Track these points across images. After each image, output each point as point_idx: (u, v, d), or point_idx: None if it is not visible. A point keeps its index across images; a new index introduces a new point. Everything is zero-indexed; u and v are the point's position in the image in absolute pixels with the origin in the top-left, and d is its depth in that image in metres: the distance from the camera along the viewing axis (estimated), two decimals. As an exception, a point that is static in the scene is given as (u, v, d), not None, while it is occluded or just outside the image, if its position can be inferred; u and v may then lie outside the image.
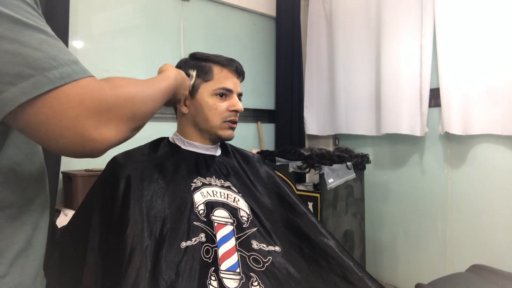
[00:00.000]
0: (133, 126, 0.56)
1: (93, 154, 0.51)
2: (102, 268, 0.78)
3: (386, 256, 2.38)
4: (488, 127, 1.78)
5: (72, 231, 0.89)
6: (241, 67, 1.00)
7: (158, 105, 0.68)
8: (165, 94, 0.73)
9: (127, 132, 0.55)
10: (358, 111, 2.40)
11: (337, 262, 0.89)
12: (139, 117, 0.57)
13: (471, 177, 1.93)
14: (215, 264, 0.78)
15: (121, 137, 0.53)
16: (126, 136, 0.55)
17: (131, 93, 0.56)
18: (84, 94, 0.48)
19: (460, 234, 1.99)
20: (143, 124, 0.60)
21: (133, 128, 0.57)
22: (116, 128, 0.52)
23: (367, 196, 2.26)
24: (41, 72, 0.44)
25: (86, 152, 0.50)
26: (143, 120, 0.59)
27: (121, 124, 0.53)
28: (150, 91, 0.64)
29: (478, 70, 1.79)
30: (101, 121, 0.49)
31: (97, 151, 0.50)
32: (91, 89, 0.49)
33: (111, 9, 1.99)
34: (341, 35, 2.47)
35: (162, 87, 0.71)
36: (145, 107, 0.59)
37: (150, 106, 0.62)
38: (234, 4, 2.51)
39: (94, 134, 0.48)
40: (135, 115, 0.56)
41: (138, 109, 0.57)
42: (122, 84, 0.56)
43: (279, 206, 1.01)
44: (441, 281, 1.14)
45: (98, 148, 0.50)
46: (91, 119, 0.48)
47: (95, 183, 0.91)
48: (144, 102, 0.59)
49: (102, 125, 0.49)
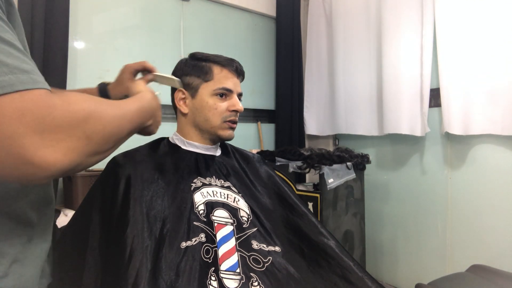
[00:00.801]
0: (88, 150, 0.47)
1: (33, 180, 0.43)
2: (102, 268, 0.78)
3: (386, 256, 2.38)
4: (488, 127, 1.78)
5: (72, 231, 0.89)
6: (241, 67, 1.00)
7: (125, 129, 0.58)
8: (135, 117, 0.63)
9: (79, 157, 0.46)
10: (358, 111, 2.40)
11: (337, 262, 0.89)
12: (96, 140, 0.48)
13: (471, 177, 1.93)
14: (215, 264, 0.78)
15: (70, 163, 0.45)
16: (78, 162, 0.47)
17: (85, 111, 0.48)
18: (25, 108, 0.40)
19: (460, 234, 1.99)
20: (104, 149, 0.52)
21: (89, 153, 0.48)
22: (65, 151, 0.44)
23: (367, 196, 2.26)
24: None
25: (26, 178, 0.43)
26: (103, 144, 0.51)
27: (72, 147, 0.45)
28: (113, 111, 0.55)
29: (478, 70, 1.79)
30: (45, 141, 0.42)
31: (38, 177, 0.43)
32: (35, 102, 0.42)
33: (111, 9, 1.99)
34: (341, 35, 2.47)
35: (131, 108, 0.62)
36: (103, 129, 0.50)
37: (112, 128, 0.53)
38: (234, 4, 2.51)
39: (34, 157, 0.41)
40: (90, 138, 0.47)
41: (94, 130, 0.48)
42: (77, 100, 0.48)
43: (279, 206, 1.01)
44: (441, 281, 1.14)
45: (40, 174, 0.42)
46: (30, 138, 0.40)
47: (95, 183, 0.91)
48: (102, 124, 0.50)
49: (46, 146, 0.42)
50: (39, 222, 0.63)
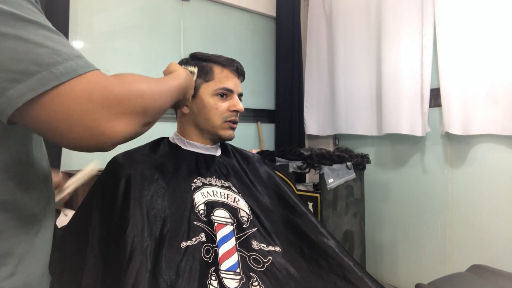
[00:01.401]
0: (143, 121, 0.55)
1: (105, 148, 0.51)
2: (102, 268, 0.78)
3: (386, 256, 2.38)
4: (489, 127, 1.78)
5: (72, 231, 0.89)
6: (241, 67, 1.00)
7: (168, 103, 0.67)
8: (175, 92, 0.72)
9: (138, 127, 0.54)
10: (358, 111, 2.40)
11: (337, 262, 0.89)
12: (149, 113, 0.56)
13: (471, 177, 1.93)
14: (215, 264, 0.78)
15: (131, 131, 0.53)
16: (137, 131, 0.55)
17: (140, 88, 0.55)
18: (91, 88, 0.47)
19: (460, 234, 1.99)
20: (154, 120, 0.60)
21: (144, 123, 0.56)
22: (127, 122, 0.51)
23: (367, 196, 2.26)
24: (46, 68, 0.44)
25: (98, 146, 0.50)
26: (154, 116, 0.59)
27: (132, 119, 0.52)
28: (160, 88, 0.63)
29: (478, 70, 1.79)
30: (111, 115, 0.49)
31: (109, 144, 0.50)
32: (98, 83, 0.48)
33: (111, 9, 1.99)
34: (341, 35, 2.47)
35: (172, 85, 0.70)
36: (155, 103, 0.59)
37: (161, 102, 0.62)
38: (234, 4, 2.51)
39: (105, 128, 0.48)
40: (146, 110, 0.55)
41: (148, 104, 0.56)
42: (131, 80, 0.55)
43: (279, 206, 1.01)
44: (441, 281, 1.14)
45: (110, 142, 0.50)
46: (101, 113, 0.48)
47: (95, 183, 0.91)
48: (154, 98, 0.58)
49: (113, 119, 0.49)
50: (43, 219, 0.64)
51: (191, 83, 0.84)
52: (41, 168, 0.65)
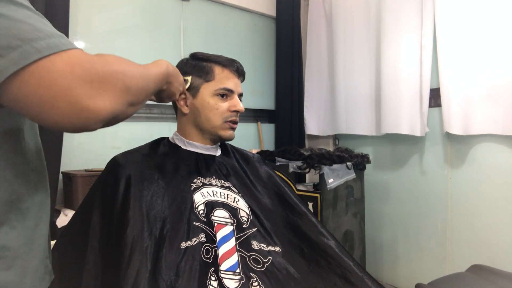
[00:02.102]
0: (128, 99, 0.55)
1: (89, 125, 0.50)
2: (102, 268, 0.78)
3: (386, 256, 2.38)
4: (489, 127, 1.78)
5: (72, 231, 0.89)
6: (242, 68, 1.00)
7: (151, 86, 0.66)
8: (157, 77, 0.71)
9: (122, 105, 0.53)
10: (358, 111, 2.40)
11: (337, 262, 0.89)
12: (132, 91, 0.56)
13: (471, 177, 1.93)
14: (215, 264, 0.78)
15: (116, 109, 0.52)
16: (122, 110, 0.54)
17: (121, 67, 0.55)
18: (73, 63, 0.47)
19: (460, 234, 1.99)
20: (138, 100, 0.59)
21: (129, 103, 0.55)
22: (111, 99, 0.50)
23: (367, 196, 2.26)
24: (28, 43, 0.44)
25: (81, 123, 0.49)
26: (138, 96, 0.58)
27: (115, 95, 0.51)
28: (140, 69, 0.62)
29: (478, 70, 1.79)
30: (94, 90, 0.48)
31: (93, 121, 0.49)
32: (80, 58, 0.48)
33: (111, 9, 1.99)
34: (341, 35, 2.47)
35: (153, 70, 0.69)
36: (137, 82, 0.58)
37: (142, 83, 0.61)
38: (234, 4, 2.51)
39: (88, 103, 0.47)
40: (128, 88, 0.54)
41: (130, 82, 0.55)
42: (112, 59, 0.55)
43: (279, 206, 1.01)
44: (441, 281, 1.14)
45: (94, 118, 0.49)
46: (83, 88, 0.47)
47: (95, 183, 0.91)
48: (135, 77, 0.58)
49: (96, 94, 0.48)
50: (39, 213, 0.65)
51: (175, 74, 0.82)
52: (36, 161, 0.65)
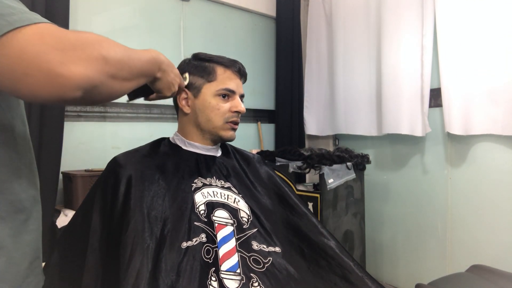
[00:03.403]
0: (106, 70, 0.53)
1: (65, 93, 0.49)
2: (103, 268, 0.78)
3: (386, 256, 2.38)
4: (489, 127, 1.78)
5: (72, 232, 0.89)
6: (243, 69, 1.00)
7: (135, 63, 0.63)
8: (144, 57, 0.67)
9: (100, 74, 0.52)
10: (358, 111, 2.40)
11: (337, 262, 0.89)
12: (113, 63, 0.54)
13: (472, 177, 1.93)
14: (215, 265, 0.78)
15: (93, 77, 0.50)
16: (100, 79, 0.52)
17: (98, 38, 0.54)
18: (43, 32, 0.48)
19: (460, 234, 1.99)
20: (121, 74, 0.57)
21: (109, 74, 0.54)
22: (86, 67, 0.49)
23: (367, 196, 2.26)
24: (1, 17, 0.46)
25: (57, 91, 0.48)
26: (119, 68, 0.56)
27: (91, 64, 0.50)
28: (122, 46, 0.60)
29: (479, 70, 1.79)
30: (66, 57, 0.48)
31: (68, 88, 0.48)
32: (51, 29, 0.49)
33: (111, 9, 1.99)
34: (341, 35, 2.47)
35: (139, 51, 0.67)
36: (115, 53, 0.56)
37: (123, 56, 0.58)
38: (234, 4, 2.50)
39: (61, 70, 0.47)
40: (106, 58, 0.53)
41: (108, 53, 0.54)
42: (88, 33, 0.54)
43: (279, 207, 1.01)
44: (441, 281, 1.14)
45: (69, 85, 0.48)
46: (54, 55, 0.47)
47: (96, 183, 0.91)
48: (113, 49, 0.56)
49: (68, 61, 0.48)
50: (32, 210, 0.66)
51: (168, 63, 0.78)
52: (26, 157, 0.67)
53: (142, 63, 0.66)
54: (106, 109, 1.96)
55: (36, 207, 0.70)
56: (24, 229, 0.65)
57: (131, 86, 0.63)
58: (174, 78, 0.82)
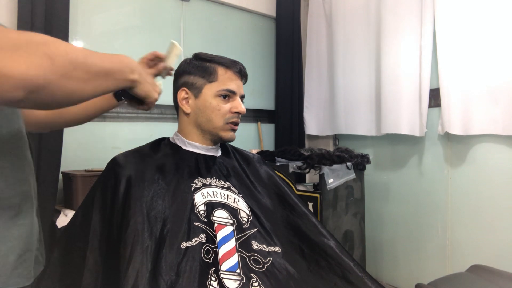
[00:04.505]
0: (55, 70, 0.51)
1: (6, 92, 0.47)
2: (102, 268, 0.78)
3: (386, 256, 2.38)
4: (488, 127, 1.78)
5: (72, 232, 0.89)
6: (244, 69, 1.00)
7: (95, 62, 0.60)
8: (106, 58, 0.64)
9: (46, 74, 0.50)
10: (358, 111, 2.40)
11: (337, 262, 0.89)
12: (61, 62, 0.52)
13: (471, 177, 1.93)
14: (215, 265, 0.78)
15: (37, 77, 0.49)
16: (48, 79, 0.51)
17: (43, 38, 0.53)
18: None
19: (460, 234, 1.99)
20: (76, 75, 0.55)
21: (58, 73, 0.52)
22: (27, 65, 0.48)
23: (367, 196, 2.26)
24: None
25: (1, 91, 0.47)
26: (72, 69, 0.54)
27: (34, 62, 0.49)
28: (78, 47, 0.59)
29: (478, 70, 1.79)
30: (6, 56, 0.47)
31: (8, 87, 0.47)
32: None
33: (111, 9, 1.99)
34: (341, 35, 2.47)
35: (102, 53, 0.64)
36: (66, 53, 0.54)
37: (77, 56, 0.56)
38: (234, 4, 2.51)
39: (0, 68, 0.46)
40: (53, 58, 0.51)
41: (55, 52, 0.52)
42: (38, 35, 0.53)
43: (279, 207, 1.01)
44: (441, 281, 1.14)
45: (8, 84, 0.47)
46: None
47: (95, 183, 0.91)
48: (63, 49, 0.54)
49: (8, 60, 0.47)
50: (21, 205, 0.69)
51: (136, 64, 0.76)
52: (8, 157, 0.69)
53: (105, 63, 0.64)
54: (106, 109, 1.96)
55: (28, 203, 0.72)
56: (12, 224, 0.67)
57: (95, 86, 0.61)
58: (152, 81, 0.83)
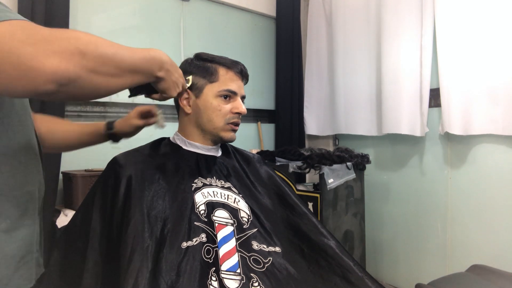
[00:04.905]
0: (85, 64, 0.52)
1: (39, 86, 0.49)
2: (103, 268, 0.78)
3: (386, 256, 2.38)
4: (489, 127, 1.78)
5: (72, 231, 0.89)
6: (245, 70, 1.00)
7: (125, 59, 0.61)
8: (139, 54, 0.65)
9: (76, 68, 0.51)
10: (358, 111, 2.40)
11: (337, 262, 0.89)
12: (91, 57, 0.53)
13: (471, 177, 1.93)
14: (216, 265, 0.78)
15: (68, 70, 0.50)
16: (78, 73, 0.52)
17: (75, 34, 0.54)
18: (14, 29, 0.48)
19: (460, 234, 1.99)
20: (105, 71, 0.56)
21: (88, 68, 0.53)
22: (60, 60, 0.49)
23: (367, 196, 2.26)
24: None
25: (30, 84, 0.49)
26: (102, 64, 0.56)
27: (65, 57, 0.50)
28: (110, 41, 0.59)
29: (478, 70, 1.79)
30: (39, 51, 0.48)
31: (41, 81, 0.48)
32: (23, 25, 0.49)
33: (111, 9, 1.99)
34: (341, 35, 2.47)
35: (136, 48, 0.65)
36: (96, 48, 0.55)
37: (108, 50, 0.57)
38: (234, 4, 2.51)
39: (32, 63, 0.47)
40: (83, 52, 0.52)
41: (87, 47, 0.53)
42: (69, 30, 0.55)
43: (280, 207, 1.01)
44: (441, 281, 1.14)
45: (41, 78, 0.48)
46: (25, 50, 0.47)
47: (96, 183, 0.91)
48: (94, 43, 0.55)
49: (41, 55, 0.48)
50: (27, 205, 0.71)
51: (171, 63, 0.76)
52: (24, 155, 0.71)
53: (135, 60, 0.64)
54: (106, 109, 1.96)
55: (32, 204, 0.73)
56: (19, 224, 0.68)
57: (122, 82, 0.62)
58: (178, 79, 0.81)
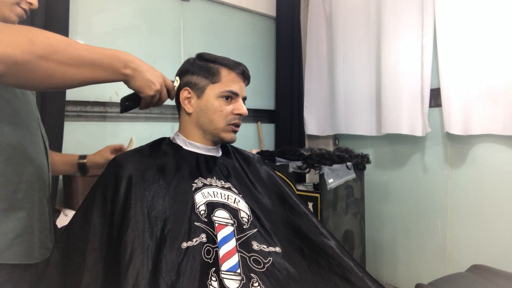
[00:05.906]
0: (33, 51, 0.59)
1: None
2: (103, 268, 0.78)
3: (386, 256, 2.38)
4: (489, 127, 1.78)
5: (73, 232, 0.89)
6: (247, 71, 1.00)
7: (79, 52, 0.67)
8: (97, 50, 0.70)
9: (24, 53, 0.58)
10: (358, 111, 2.40)
11: (337, 262, 0.89)
12: (41, 45, 0.60)
13: (472, 177, 1.93)
14: (216, 265, 0.78)
15: (15, 53, 0.56)
16: (23, 56, 0.58)
17: (28, 27, 0.60)
18: None
19: (460, 234, 1.99)
20: (56, 58, 0.62)
21: (37, 55, 0.59)
22: (5, 46, 0.56)
23: (367, 196, 2.26)
24: None
25: None
26: (52, 53, 0.61)
27: (13, 44, 0.56)
28: (58, 35, 0.64)
29: (478, 70, 1.79)
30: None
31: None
32: None
33: (111, 9, 1.99)
34: (341, 35, 2.47)
35: (95, 46, 0.70)
36: (47, 39, 0.61)
37: (59, 43, 0.63)
38: (234, 4, 2.51)
39: None
40: (33, 41, 0.59)
41: (37, 38, 0.59)
42: (23, 25, 0.61)
43: (280, 207, 1.01)
44: (441, 281, 1.14)
45: None
46: None
47: (96, 183, 0.91)
48: (45, 35, 0.61)
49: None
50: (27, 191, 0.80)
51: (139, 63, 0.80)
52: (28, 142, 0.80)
53: (92, 54, 0.69)
54: (106, 109, 1.96)
55: (31, 191, 0.82)
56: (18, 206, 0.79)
57: (81, 73, 0.67)
58: (153, 78, 0.82)
